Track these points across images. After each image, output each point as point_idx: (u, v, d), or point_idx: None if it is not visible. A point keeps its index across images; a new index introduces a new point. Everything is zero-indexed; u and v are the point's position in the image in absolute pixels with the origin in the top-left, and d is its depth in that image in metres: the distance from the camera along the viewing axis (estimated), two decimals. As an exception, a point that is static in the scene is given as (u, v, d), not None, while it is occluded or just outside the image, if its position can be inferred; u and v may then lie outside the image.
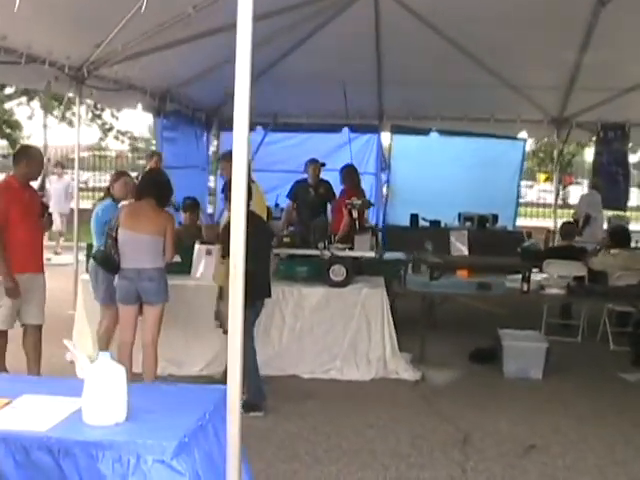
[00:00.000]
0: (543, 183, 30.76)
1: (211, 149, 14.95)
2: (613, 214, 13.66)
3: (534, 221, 23.81)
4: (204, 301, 6.88)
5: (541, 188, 30.46)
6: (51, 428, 2.92)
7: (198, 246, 7.20)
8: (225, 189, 6.58)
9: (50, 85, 8.34)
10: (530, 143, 17.00)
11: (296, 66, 11.18)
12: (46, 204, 6.83)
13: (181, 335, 7.08)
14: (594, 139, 14.03)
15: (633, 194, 17.18)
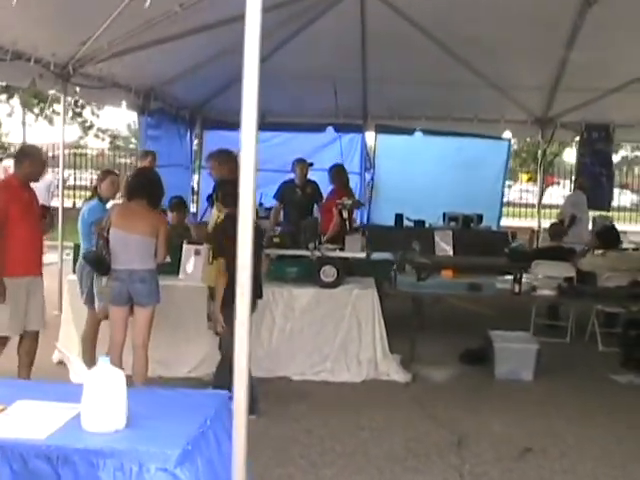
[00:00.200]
0: (526, 183, 30.85)
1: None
2: (598, 214, 13.68)
3: (516, 221, 23.83)
4: (193, 302, 6.80)
5: (523, 188, 30.53)
6: (49, 436, 2.83)
7: (186, 246, 7.10)
8: (215, 189, 6.47)
9: (35, 82, 8.20)
10: (512, 143, 16.98)
11: (281, 66, 11.08)
12: (47, 205, 6.69)
13: (169, 336, 6.96)
14: (577, 139, 14.07)
15: (615, 194, 17.23)
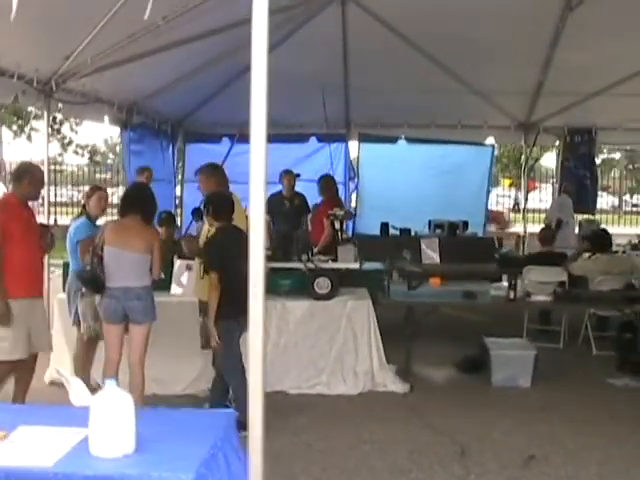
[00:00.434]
0: (508, 189, 30.97)
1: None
2: (584, 218, 13.72)
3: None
4: (186, 318, 6.70)
5: (499, 193, 30.65)
6: (56, 462, 2.73)
7: (178, 261, 7.01)
8: (205, 203, 6.39)
9: (17, 99, 8.07)
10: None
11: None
12: (46, 224, 6.55)
13: (163, 353, 6.82)
14: (557, 143, 14.11)
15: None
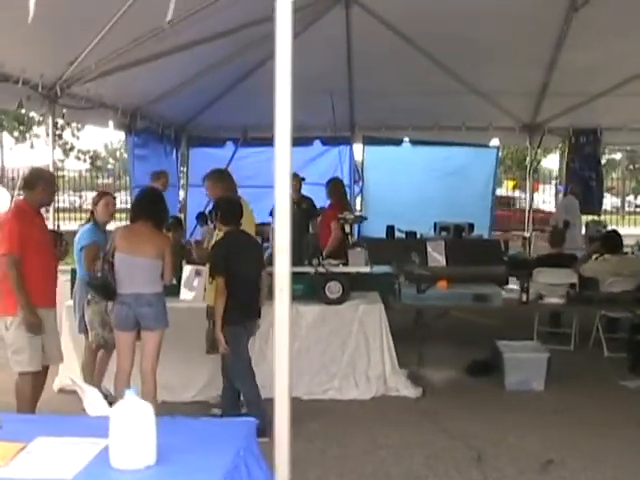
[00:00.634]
0: (511, 190, 30.89)
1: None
2: (590, 219, 13.66)
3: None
4: (196, 324, 6.62)
5: (502, 194, 30.58)
6: (76, 475, 2.65)
7: (187, 266, 6.93)
8: (214, 208, 6.34)
9: (22, 104, 8.01)
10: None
11: (265, 79, 10.96)
12: (59, 231, 6.46)
13: (173, 360, 6.74)
14: (560, 145, 14.06)
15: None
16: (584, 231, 12.76)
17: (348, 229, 7.74)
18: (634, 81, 10.60)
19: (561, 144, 14.27)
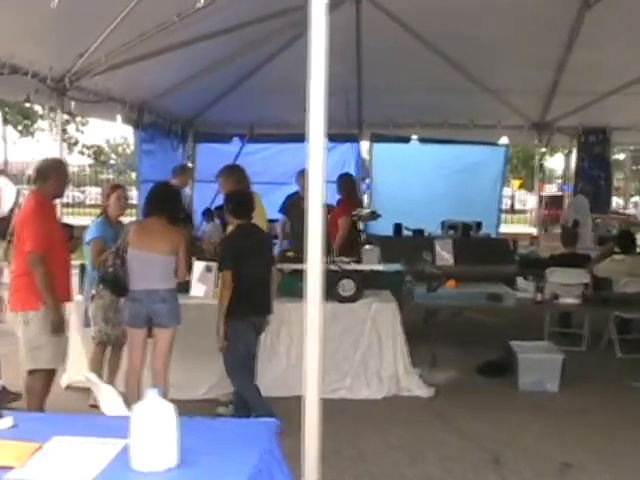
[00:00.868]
0: (517, 189, 30.80)
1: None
2: (598, 219, 13.56)
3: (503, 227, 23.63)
4: (206, 320, 6.51)
5: (507, 194, 30.52)
6: (95, 477, 2.56)
7: (197, 262, 6.82)
8: (225, 201, 6.25)
9: (29, 97, 7.92)
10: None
11: (273, 75, 10.92)
12: (70, 224, 6.33)
13: (182, 357, 6.63)
14: (567, 144, 13.96)
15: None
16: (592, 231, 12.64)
17: (362, 226, 7.59)
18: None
19: (567, 143, 14.16)
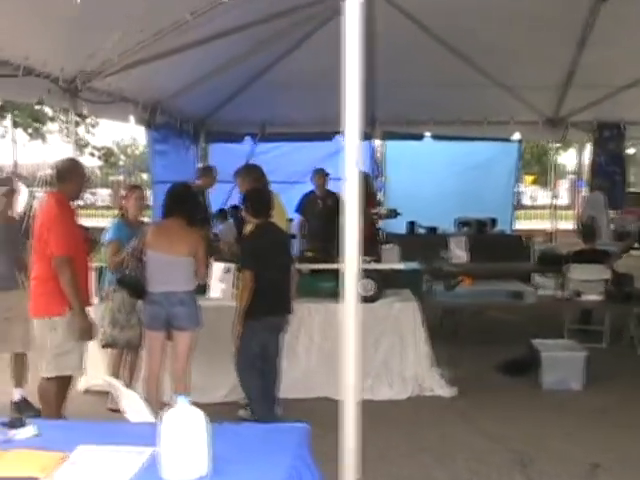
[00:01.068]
0: (531, 185, 30.62)
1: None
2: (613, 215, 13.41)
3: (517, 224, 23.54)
4: (224, 322, 6.43)
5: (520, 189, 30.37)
6: (125, 487, 2.50)
7: (215, 264, 6.74)
8: (243, 200, 6.19)
9: (42, 98, 7.85)
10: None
11: (285, 73, 10.84)
12: (85, 226, 6.25)
13: (202, 360, 6.58)
14: (579, 140, 13.84)
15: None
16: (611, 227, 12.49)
17: (382, 224, 7.51)
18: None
19: (581, 139, 14.03)
